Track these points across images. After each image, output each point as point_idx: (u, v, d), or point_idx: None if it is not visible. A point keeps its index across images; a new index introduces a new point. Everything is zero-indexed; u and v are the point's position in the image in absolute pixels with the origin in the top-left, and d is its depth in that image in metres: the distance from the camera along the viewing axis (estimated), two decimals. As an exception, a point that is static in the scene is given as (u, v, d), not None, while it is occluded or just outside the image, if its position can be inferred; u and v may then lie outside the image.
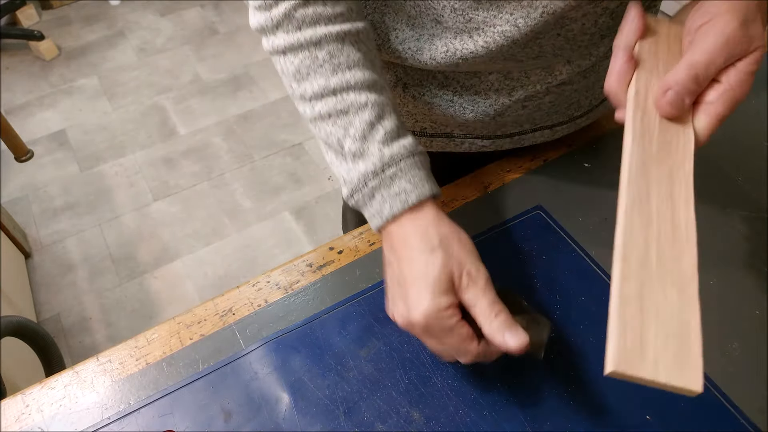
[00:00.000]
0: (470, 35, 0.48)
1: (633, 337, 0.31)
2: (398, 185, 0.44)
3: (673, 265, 0.32)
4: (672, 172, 0.37)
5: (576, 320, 0.50)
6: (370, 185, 0.45)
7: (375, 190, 0.45)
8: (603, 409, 0.45)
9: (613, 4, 0.46)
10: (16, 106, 2.19)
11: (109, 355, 0.50)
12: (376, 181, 0.45)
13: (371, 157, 0.45)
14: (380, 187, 0.45)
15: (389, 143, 0.45)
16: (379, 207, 0.45)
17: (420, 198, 0.44)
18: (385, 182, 0.45)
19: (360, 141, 0.45)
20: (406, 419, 0.45)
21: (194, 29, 2.51)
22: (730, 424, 0.44)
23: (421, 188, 0.45)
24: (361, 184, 0.45)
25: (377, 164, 0.45)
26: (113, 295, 1.64)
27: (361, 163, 0.45)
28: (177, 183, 1.92)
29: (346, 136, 0.45)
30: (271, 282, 0.54)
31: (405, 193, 0.44)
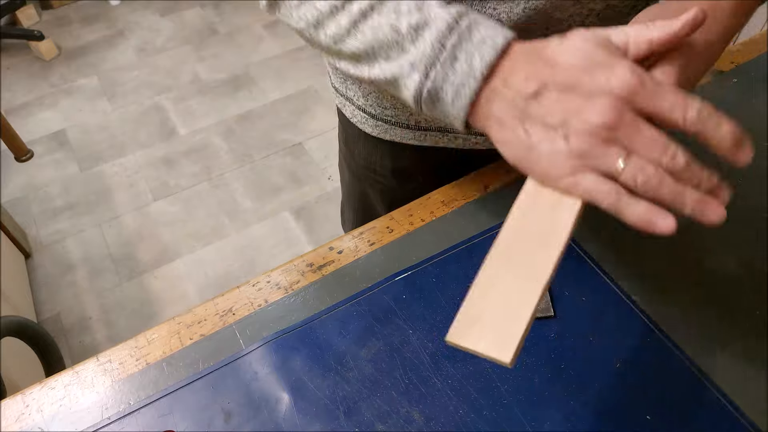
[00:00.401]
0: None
1: (472, 314, 0.36)
2: (479, 33, 0.38)
3: (531, 262, 0.36)
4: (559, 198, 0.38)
5: (576, 320, 0.50)
6: (449, 44, 0.38)
7: (456, 48, 0.38)
8: (603, 409, 0.45)
9: (599, 5, 0.47)
10: (16, 106, 2.19)
11: (109, 355, 0.50)
12: (455, 38, 0.38)
13: (438, 19, 0.39)
14: (460, 42, 0.38)
15: (447, 6, 0.40)
16: (467, 66, 0.37)
17: (508, 38, 0.37)
18: (464, 35, 0.38)
19: (417, 12, 0.40)
20: (406, 419, 0.45)
21: (194, 29, 2.51)
22: (730, 424, 0.44)
23: (503, 31, 0.38)
24: (435, 51, 0.38)
25: (449, 20, 0.38)
26: (113, 295, 1.64)
27: (427, 32, 0.39)
28: (177, 183, 1.92)
29: (399, 17, 0.40)
30: (271, 282, 0.54)
31: (491, 38, 0.37)
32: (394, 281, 0.53)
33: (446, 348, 0.49)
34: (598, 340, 0.49)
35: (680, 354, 0.48)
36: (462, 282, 0.53)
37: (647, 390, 0.46)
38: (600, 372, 0.47)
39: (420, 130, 0.64)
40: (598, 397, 0.46)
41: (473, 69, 0.37)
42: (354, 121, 0.69)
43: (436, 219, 0.58)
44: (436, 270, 0.54)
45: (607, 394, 0.46)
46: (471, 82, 0.37)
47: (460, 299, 0.51)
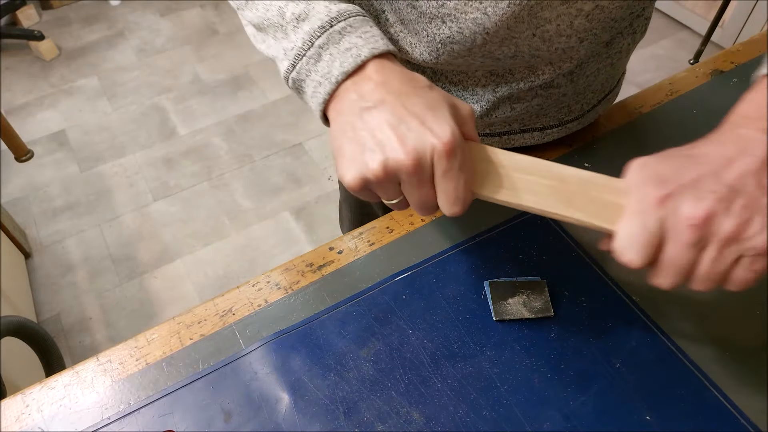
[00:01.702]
0: (443, 21, 0.49)
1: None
2: (349, 40, 0.40)
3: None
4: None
5: (576, 320, 0.50)
6: (317, 43, 0.40)
7: (322, 49, 0.40)
8: (603, 409, 0.45)
9: (588, 6, 0.47)
10: (16, 106, 2.19)
11: (109, 355, 0.50)
12: (324, 38, 0.40)
13: (317, 15, 0.41)
14: (328, 43, 0.40)
15: (335, 2, 0.42)
16: (327, 68, 0.40)
17: (373, 52, 0.40)
18: (333, 38, 0.40)
19: (303, 2, 0.42)
20: (406, 419, 0.45)
21: (194, 29, 2.51)
22: (730, 424, 0.44)
23: (374, 43, 0.40)
24: (306, 46, 0.41)
25: (324, 19, 0.40)
26: (113, 295, 1.64)
27: (306, 24, 0.41)
28: (177, 183, 1.92)
29: (287, 2, 0.42)
30: (271, 282, 0.54)
31: (356, 47, 0.40)
32: (394, 281, 0.53)
33: (446, 348, 0.49)
34: (598, 340, 0.49)
35: (680, 354, 0.48)
36: (462, 282, 0.53)
37: (647, 390, 0.46)
38: (600, 372, 0.47)
39: None
40: (598, 397, 0.46)
41: (331, 73, 0.40)
42: None
43: (436, 219, 0.58)
44: (436, 270, 0.54)
45: (607, 394, 0.46)
46: (327, 85, 0.40)
47: (460, 299, 0.51)
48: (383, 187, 0.40)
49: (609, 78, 0.60)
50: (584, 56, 0.53)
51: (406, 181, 0.39)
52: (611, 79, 0.61)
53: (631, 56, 0.62)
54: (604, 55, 0.55)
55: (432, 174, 0.39)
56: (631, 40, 0.56)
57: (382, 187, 0.40)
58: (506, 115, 0.58)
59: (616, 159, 0.63)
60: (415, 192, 0.40)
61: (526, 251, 0.55)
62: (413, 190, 0.39)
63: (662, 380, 0.46)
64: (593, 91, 0.60)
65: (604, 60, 0.56)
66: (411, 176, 0.38)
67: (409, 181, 0.39)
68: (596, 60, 0.55)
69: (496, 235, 0.56)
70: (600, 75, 0.58)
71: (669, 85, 0.71)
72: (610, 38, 0.54)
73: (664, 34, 2.40)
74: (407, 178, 0.38)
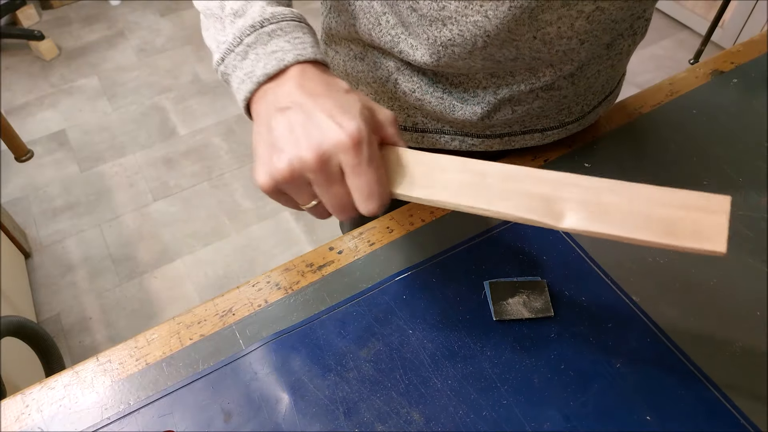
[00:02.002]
0: (444, 23, 0.49)
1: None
2: (276, 44, 0.41)
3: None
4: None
5: (576, 320, 0.50)
6: (246, 41, 0.41)
7: (249, 48, 0.41)
8: (603, 409, 0.45)
9: (588, 8, 0.46)
10: (16, 106, 2.19)
11: (109, 355, 0.50)
12: (253, 37, 0.41)
13: (251, 13, 0.42)
14: (256, 43, 0.41)
15: (273, 4, 0.43)
16: (251, 67, 0.41)
17: (298, 59, 0.40)
18: (261, 38, 0.41)
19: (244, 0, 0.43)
20: (406, 420, 0.45)
21: (194, 29, 2.51)
22: (730, 424, 0.44)
23: (302, 50, 0.41)
24: (235, 42, 0.42)
25: (256, 19, 0.41)
26: (113, 295, 1.64)
27: (240, 21, 0.42)
28: (177, 183, 1.92)
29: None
30: (271, 282, 0.54)
31: (283, 51, 0.41)
32: (394, 281, 0.53)
33: (446, 348, 0.49)
34: (598, 340, 0.49)
35: (680, 354, 0.48)
36: (462, 282, 0.53)
37: (647, 390, 0.46)
38: (600, 372, 0.47)
39: (417, 132, 0.64)
40: (598, 397, 0.46)
41: (254, 73, 0.41)
42: None
43: (436, 219, 0.58)
44: (436, 270, 0.54)
45: (607, 394, 0.46)
46: (249, 84, 0.41)
47: (460, 299, 0.51)
48: (295, 189, 0.40)
49: (609, 79, 0.60)
50: (585, 58, 0.53)
51: (314, 181, 0.39)
52: (611, 80, 0.61)
53: (631, 57, 0.62)
54: (604, 57, 0.55)
55: (341, 171, 0.38)
56: (631, 42, 0.56)
57: (293, 188, 0.39)
58: (507, 118, 0.58)
59: (615, 159, 0.63)
60: (326, 192, 0.39)
61: (526, 251, 0.55)
62: (324, 189, 0.39)
63: (662, 380, 0.46)
64: (593, 93, 0.60)
65: (605, 61, 0.56)
66: (317, 174, 0.38)
67: (317, 180, 0.38)
68: (597, 62, 0.55)
69: (496, 235, 0.56)
70: (600, 76, 0.58)
71: (669, 86, 0.71)
72: (611, 40, 0.54)
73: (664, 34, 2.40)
74: (314, 176, 0.38)
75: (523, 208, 0.39)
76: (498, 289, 0.51)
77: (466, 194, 0.40)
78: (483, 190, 0.40)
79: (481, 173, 0.41)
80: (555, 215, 0.39)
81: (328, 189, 0.39)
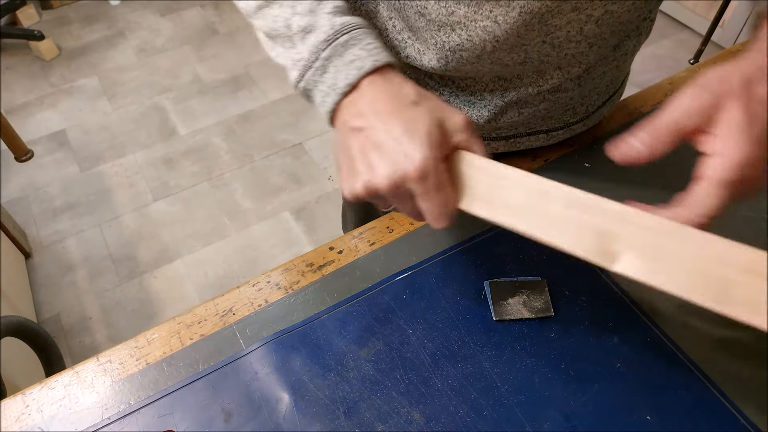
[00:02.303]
0: (453, 29, 0.49)
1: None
2: (352, 53, 0.42)
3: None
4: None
5: (576, 320, 0.50)
6: (323, 56, 0.43)
7: (327, 61, 0.43)
8: (603, 409, 0.45)
9: (598, 11, 0.46)
10: (16, 106, 2.19)
11: (109, 355, 0.50)
12: (329, 51, 0.42)
13: (321, 27, 0.43)
14: (333, 56, 0.42)
15: (339, 15, 0.44)
16: (333, 79, 0.43)
17: (376, 64, 0.42)
18: (337, 50, 0.42)
19: (309, 15, 0.44)
20: (407, 419, 0.45)
21: (194, 29, 2.51)
22: (730, 424, 0.44)
23: (377, 55, 0.42)
24: (312, 58, 0.43)
25: (328, 32, 0.43)
26: (113, 295, 1.64)
27: (312, 36, 0.43)
28: (177, 183, 1.92)
29: (293, 15, 0.44)
30: (271, 282, 0.54)
31: (360, 59, 0.42)
32: (394, 281, 0.53)
33: (446, 348, 0.49)
34: (598, 340, 0.49)
35: (680, 354, 0.48)
36: (462, 282, 0.53)
37: (647, 390, 0.46)
38: (600, 372, 0.47)
39: None
40: (598, 397, 0.46)
41: (337, 85, 0.42)
42: None
43: (436, 219, 0.58)
44: (436, 270, 0.54)
45: (607, 394, 0.46)
46: (333, 96, 0.43)
47: (461, 299, 0.51)
48: (374, 201, 0.43)
49: (614, 80, 0.61)
50: (593, 60, 0.53)
51: (389, 200, 0.42)
52: (616, 80, 0.61)
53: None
54: (610, 58, 0.55)
55: (411, 193, 0.41)
56: (636, 42, 0.56)
57: (373, 200, 0.43)
58: (513, 120, 0.58)
59: (616, 159, 0.63)
60: (400, 207, 0.43)
61: (526, 251, 0.55)
62: (398, 206, 0.43)
63: (662, 380, 0.46)
64: (598, 93, 0.60)
65: (611, 63, 0.56)
66: (391, 197, 0.41)
67: (391, 200, 0.42)
68: (603, 63, 0.55)
69: (496, 235, 0.56)
70: (606, 77, 0.58)
71: (669, 85, 0.71)
72: (618, 42, 0.54)
73: (665, 34, 2.40)
74: (389, 198, 0.41)
75: (578, 244, 0.38)
76: (498, 289, 0.51)
77: (524, 218, 0.40)
78: (542, 216, 0.39)
79: (545, 194, 0.40)
80: (608, 256, 0.37)
81: (402, 206, 0.42)
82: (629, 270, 0.37)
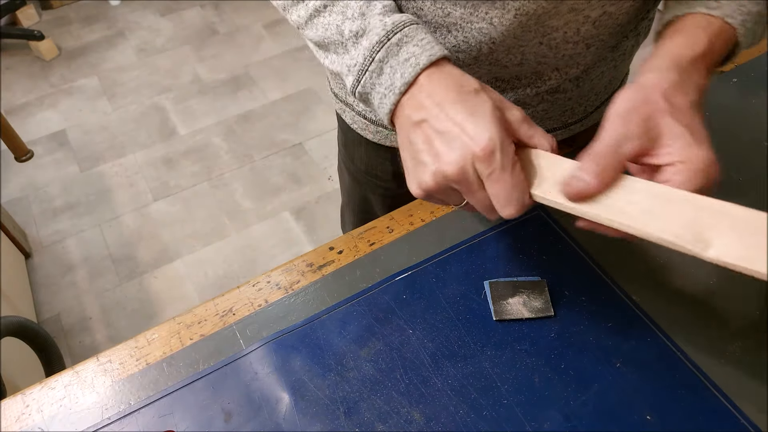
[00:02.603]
0: (449, 30, 0.49)
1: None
2: (407, 51, 0.42)
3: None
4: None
5: (576, 320, 0.50)
6: (378, 57, 0.42)
7: (383, 63, 0.42)
8: (603, 409, 0.45)
9: (595, 13, 0.46)
10: (16, 106, 2.19)
11: (109, 355, 0.50)
12: (383, 52, 0.42)
13: (374, 29, 0.43)
14: (387, 57, 0.42)
15: (389, 14, 0.43)
16: (389, 80, 0.42)
17: (431, 59, 0.41)
18: (392, 50, 0.42)
19: (359, 18, 0.43)
20: (407, 419, 0.45)
21: (194, 29, 2.51)
22: (730, 424, 0.44)
23: (431, 50, 0.42)
24: (367, 62, 0.43)
25: (381, 33, 0.42)
26: (113, 295, 1.64)
27: (365, 40, 0.43)
28: (177, 183, 1.92)
29: (344, 20, 0.44)
30: (271, 282, 0.54)
31: (414, 56, 0.42)
32: (394, 281, 0.53)
33: (446, 348, 0.49)
34: (598, 340, 0.49)
35: (680, 354, 0.48)
36: (462, 282, 0.53)
37: (647, 390, 0.46)
38: (600, 372, 0.47)
39: None
40: (598, 397, 0.46)
41: (394, 84, 0.42)
42: (354, 127, 0.69)
43: (436, 219, 0.58)
44: (436, 270, 0.54)
45: (607, 394, 0.46)
46: (391, 96, 0.42)
47: (460, 299, 0.51)
48: (444, 195, 0.43)
49: (613, 80, 0.61)
50: (591, 61, 0.53)
51: (458, 189, 0.41)
52: (615, 80, 0.61)
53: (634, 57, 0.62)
54: (609, 59, 0.55)
55: (480, 179, 0.40)
56: (635, 42, 0.56)
57: (442, 195, 0.42)
58: None
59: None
60: (471, 197, 0.42)
61: (526, 251, 0.55)
62: (468, 195, 0.42)
63: (662, 380, 0.46)
64: (597, 94, 0.60)
65: (609, 63, 0.56)
66: (460, 184, 0.40)
67: (461, 189, 0.41)
68: (602, 64, 0.55)
69: (496, 235, 0.56)
70: (604, 78, 0.58)
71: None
72: (616, 43, 0.53)
73: (664, 34, 2.40)
74: (458, 186, 0.41)
75: (669, 231, 0.37)
76: (498, 289, 0.51)
77: (605, 207, 0.39)
78: (627, 206, 0.39)
79: (621, 187, 0.39)
80: (701, 243, 0.37)
81: (472, 195, 0.41)
82: (726, 255, 0.36)
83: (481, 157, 0.38)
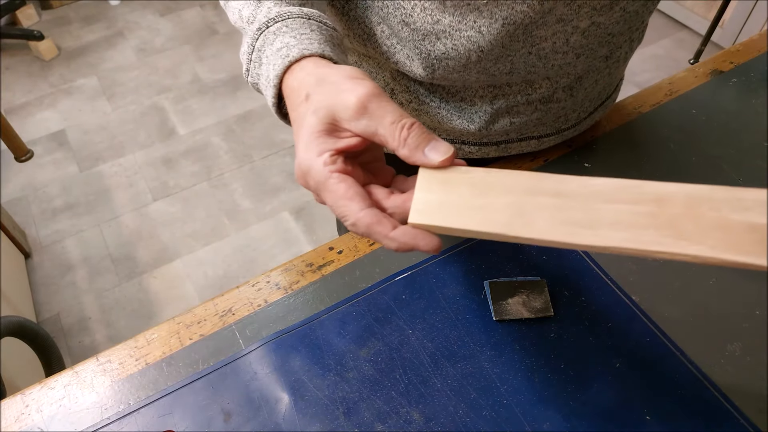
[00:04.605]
0: (438, 38, 0.48)
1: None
2: (281, 41, 0.38)
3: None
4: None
5: (576, 320, 0.50)
6: (257, 46, 0.39)
7: (261, 52, 0.39)
8: (603, 409, 0.45)
9: (584, 23, 0.46)
10: (16, 106, 2.19)
11: (109, 355, 0.50)
12: (261, 40, 0.39)
13: (258, 18, 0.40)
14: (264, 45, 0.39)
15: (284, 4, 0.41)
16: (267, 71, 0.39)
17: (303, 53, 0.37)
18: (268, 39, 0.39)
19: (254, 3, 0.42)
20: (406, 419, 0.45)
21: (194, 29, 2.51)
22: (730, 424, 0.44)
23: (308, 44, 0.38)
24: (250, 50, 0.40)
25: (262, 21, 0.40)
26: (113, 295, 1.64)
27: (253, 26, 0.41)
28: (176, 183, 1.92)
29: (245, 5, 0.42)
30: (270, 282, 0.54)
31: (287, 47, 0.38)
32: (393, 281, 0.53)
33: (446, 348, 0.49)
34: (598, 340, 0.49)
35: (680, 354, 0.48)
36: (462, 282, 0.53)
37: (647, 390, 0.46)
38: (600, 372, 0.47)
39: None
40: (598, 397, 0.46)
41: (269, 76, 0.39)
42: None
43: (436, 219, 0.58)
44: (436, 270, 0.54)
45: (607, 394, 0.46)
46: (270, 89, 0.40)
47: (460, 299, 0.51)
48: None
49: (607, 86, 0.60)
50: (582, 71, 0.53)
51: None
52: (609, 87, 0.61)
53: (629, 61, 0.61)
54: (602, 67, 0.55)
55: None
56: (628, 49, 0.56)
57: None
58: (505, 129, 0.58)
59: (615, 159, 0.63)
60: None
61: (526, 251, 0.55)
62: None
63: (662, 380, 0.46)
64: (590, 100, 0.60)
65: (603, 71, 0.56)
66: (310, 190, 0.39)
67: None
68: (594, 72, 0.55)
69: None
70: (598, 85, 0.58)
71: (668, 85, 0.71)
72: (609, 52, 0.53)
73: (664, 34, 2.40)
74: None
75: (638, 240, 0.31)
76: (498, 289, 0.51)
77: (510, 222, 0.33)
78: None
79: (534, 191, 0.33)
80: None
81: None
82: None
83: (297, 180, 0.37)
